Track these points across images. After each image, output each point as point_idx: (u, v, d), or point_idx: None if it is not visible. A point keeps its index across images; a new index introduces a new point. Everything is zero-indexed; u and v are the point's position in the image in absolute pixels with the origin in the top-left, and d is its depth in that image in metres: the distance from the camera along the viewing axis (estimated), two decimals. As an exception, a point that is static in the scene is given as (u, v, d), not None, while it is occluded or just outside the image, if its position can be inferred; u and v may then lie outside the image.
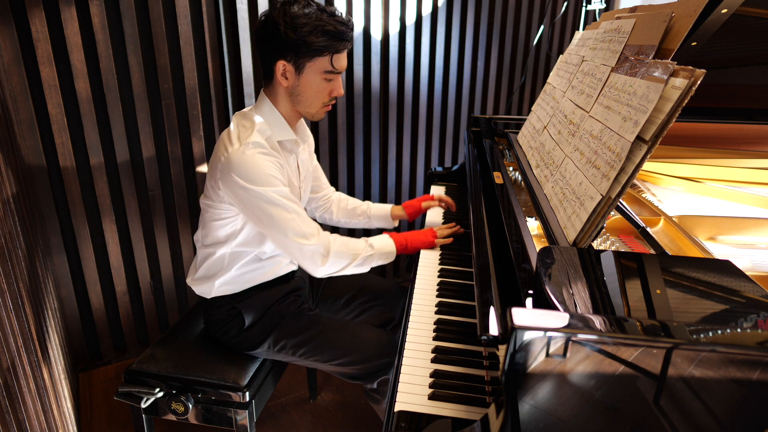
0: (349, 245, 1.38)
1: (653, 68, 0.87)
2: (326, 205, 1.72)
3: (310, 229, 1.30)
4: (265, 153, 1.25)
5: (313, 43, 1.21)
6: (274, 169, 1.25)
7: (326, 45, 1.22)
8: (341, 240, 1.37)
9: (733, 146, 1.65)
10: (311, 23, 1.20)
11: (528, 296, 0.83)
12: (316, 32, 1.20)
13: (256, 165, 1.22)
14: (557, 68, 1.60)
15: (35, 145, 1.78)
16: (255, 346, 1.41)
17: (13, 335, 1.03)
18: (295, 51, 1.23)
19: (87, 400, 1.98)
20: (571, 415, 0.68)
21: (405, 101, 2.55)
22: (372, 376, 1.37)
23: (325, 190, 1.70)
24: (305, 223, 1.30)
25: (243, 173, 1.22)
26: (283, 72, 1.26)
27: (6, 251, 1.11)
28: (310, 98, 1.30)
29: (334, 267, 1.36)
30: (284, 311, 1.43)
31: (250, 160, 1.22)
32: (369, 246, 1.41)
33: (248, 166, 1.22)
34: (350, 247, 1.37)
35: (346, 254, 1.36)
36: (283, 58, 1.24)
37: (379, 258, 1.43)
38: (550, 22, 2.81)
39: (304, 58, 1.24)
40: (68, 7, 1.71)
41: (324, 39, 1.21)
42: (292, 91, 1.30)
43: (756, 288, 0.75)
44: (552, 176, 1.15)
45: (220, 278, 1.39)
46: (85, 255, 1.97)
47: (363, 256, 1.39)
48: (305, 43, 1.21)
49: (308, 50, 1.22)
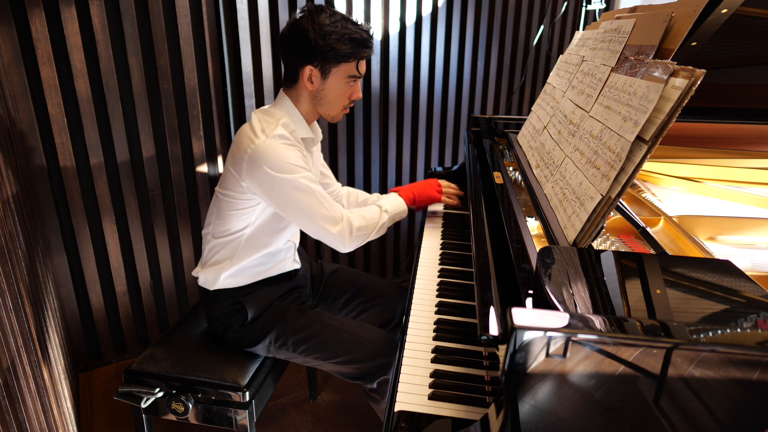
0: (367, 217, 1.45)
1: (653, 68, 0.87)
2: (336, 198, 1.74)
3: (335, 213, 1.37)
4: (290, 144, 1.32)
5: (340, 50, 1.30)
6: (299, 159, 1.32)
7: (352, 52, 1.32)
8: (360, 214, 1.45)
9: (733, 146, 1.65)
10: (338, 31, 1.29)
11: (528, 296, 0.83)
12: (344, 40, 1.30)
13: (284, 154, 1.29)
14: (557, 68, 1.60)
15: (35, 145, 1.78)
16: (256, 341, 1.41)
17: (13, 335, 1.03)
18: (322, 57, 1.31)
19: (87, 400, 1.98)
20: (571, 415, 0.67)
21: (405, 101, 2.55)
22: (372, 376, 1.38)
23: (333, 186, 1.73)
24: (330, 207, 1.36)
25: (272, 163, 1.27)
26: (310, 76, 1.34)
27: (6, 251, 1.11)
28: (333, 101, 1.38)
29: (359, 241, 1.43)
30: (286, 307, 1.44)
31: (278, 150, 1.28)
32: (384, 212, 1.50)
33: (277, 156, 1.28)
34: (369, 219, 1.46)
35: (366, 227, 1.44)
36: (310, 63, 1.32)
37: (392, 218, 1.52)
38: (550, 22, 2.81)
39: (331, 64, 1.32)
40: (68, 7, 1.71)
41: (350, 46, 1.31)
42: (316, 94, 1.37)
43: (756, 288, 0.75)
44: (552, 176, 1.15)
45: (227, 270, 1.41)
46: (85, 255, 1.97)
47: (381, 223, 1.48)
48: (333, 50, 1.30)
49: (335, 56, 1.31)
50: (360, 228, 1.42)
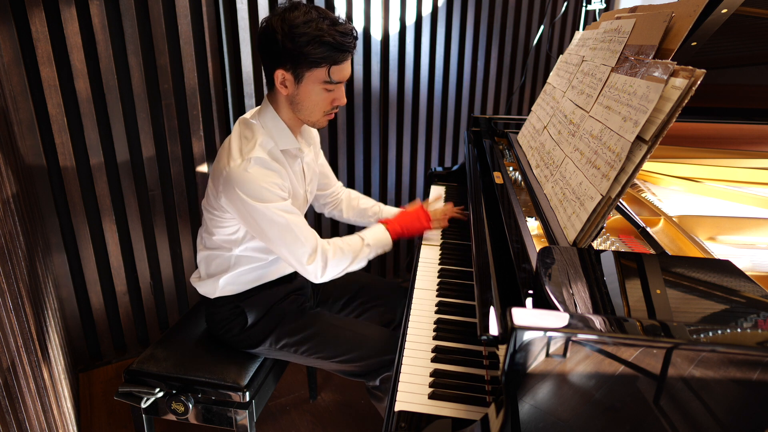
0: (344, 248, 1.37)
1: (653, 68, 0.87)
2: (335, 202, 1.71)
3: (309, 245, 1.30)
4: (266, 168, 1.24)
5: (310, 53, 1.17)
6: (274, 184, 1.24)
7: (324, 56, 1.18)
8: (339, 245, 1.37)
9: (733, 146, 1.65)
10: (309, 33, 1.15)
11: (528, 296, 0.83)
12: (314, 43, 1.16)
13: (258, 179, 1.22)
14: (557, 68, 1.60)
15: (35, 145, 1.78)
16: (256, 344, 1.41)
17: (13, 335, 1.03)
18: (292, 61, 1.19)
19: (87, 400, 1.98)
20: (571, 415, 0.68)
21: (405, 101, 2.55)
22: (374, 374, 1.37)
23: (333, 187, 1.69)
24: (305, 238, 1.29)
25: (246, 189, 1.21)
26: (282, 81, 1.24)
27: (6, 251, 1.11)
28: (310, 108, 1.28)
29: (333, 272, 1.36)
30: (286, 310, 1.44)
31: (252, 177, 1.21)
32: (366, 246, 1.41)
33: (252, 182, 1.21)
34: (347, 252, 1.37)
35: (343, 258, 1.36)
36: (282, 67, 1.21)
37: (376, 251, 1.43)
38: (550, 22, 2.81)
39: (302, 68, 1.20)
40: (68, 7, 1.71)
41: (322, 50, 1.17)
42: (292, 99, 1.27)
43: (756, 288, 0.75)
44: (552, 176, 1.15)
45: (224, 278, 1.40)
46: (85, 255, 1.97)
47: (361, 256, 1.40)
48: (302, 54, 1.17)
49: (305, 61, 1.18)
50: (335, 262, 1.34)
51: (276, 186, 1.25)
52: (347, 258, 1.37)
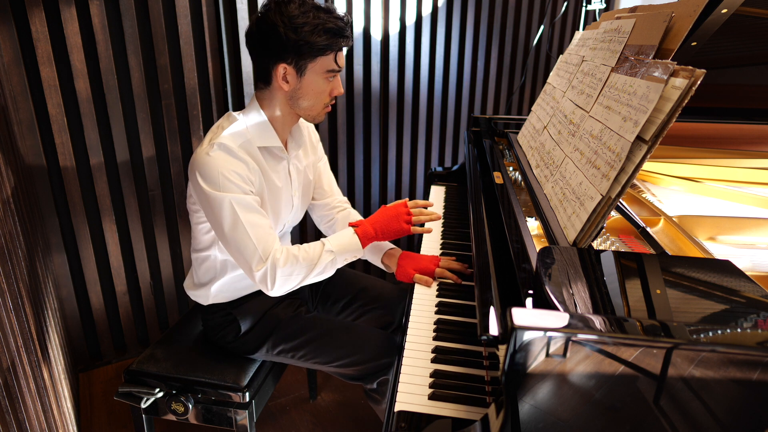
0: (299, 257, 1.24)
1: (653, 68, 0.87)
2: (330, 217, 1.61)
3: (263, 249, 1.21)
4: (230, 155, 1.19)
5: (315, 42, 1.17)
6: (236, 174, 1.19)
7: (329, 43, 1.19)
8: (291, 252, 1.25)
9: (733, 146, 1.65)
10: (311, 22, 1.16)
11: (528, 296, 0.83)
12: (318, 31, 1.17)
13: (216, 166, 1.17)
14: (557, 68, 1.60)
15: (35, 145, 1.78)
16: (252, 350, 1.41)
17: (13, 335, 1.03)
18: (296, 52, 1.18)
19: (87, 400, 1.98)
20: (571, 415, 0.67)
21: (405, 101, 2.55)
22: (372, 377, 1.37)
23: (329, 198, 1.60)
24: (260, 241, 1.20)
25: (206, 175, 1.18)
26: (284, 75, 1.22)
27: (6, 251, 1.11)
28: (313, 100, 1.26)
29: (286, 282, 1.24)
30: (280, 315, 1.42)
31: (212, 162, 1.17)
32: (327, 252, 1.28)
33: (212, 168, 1.17)
34: (302, 258, 1.25)
35: (296, 267, 1.24)
36: (284, 61, 1.20)
37: (343, 258, 1.31)
38: (550, 22, 2.81)
39: (306, 59, 1.20)
40: (68, 7, 1.71)
41: (326, 37, 1.18)
42: (293, 94, 1.25)
43: (756, 288, 0.75)
44: (552, 176, 1.15)
45: (215, 285, 1.38)
46: (85, 255, 1.97)
47: (321, 264, 1.27)
48: (307, 43, 1.17)
49: (311, 50, 1.18)
50: (286, 271, 1.21)
51: (237, 176, 1.19)
52: (302, 267, 1.24)
